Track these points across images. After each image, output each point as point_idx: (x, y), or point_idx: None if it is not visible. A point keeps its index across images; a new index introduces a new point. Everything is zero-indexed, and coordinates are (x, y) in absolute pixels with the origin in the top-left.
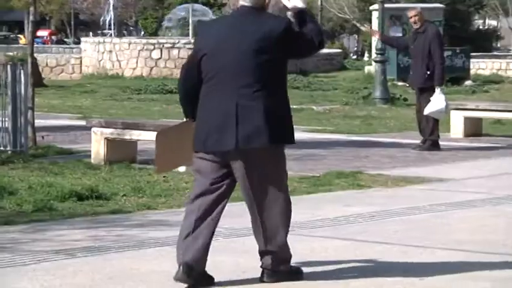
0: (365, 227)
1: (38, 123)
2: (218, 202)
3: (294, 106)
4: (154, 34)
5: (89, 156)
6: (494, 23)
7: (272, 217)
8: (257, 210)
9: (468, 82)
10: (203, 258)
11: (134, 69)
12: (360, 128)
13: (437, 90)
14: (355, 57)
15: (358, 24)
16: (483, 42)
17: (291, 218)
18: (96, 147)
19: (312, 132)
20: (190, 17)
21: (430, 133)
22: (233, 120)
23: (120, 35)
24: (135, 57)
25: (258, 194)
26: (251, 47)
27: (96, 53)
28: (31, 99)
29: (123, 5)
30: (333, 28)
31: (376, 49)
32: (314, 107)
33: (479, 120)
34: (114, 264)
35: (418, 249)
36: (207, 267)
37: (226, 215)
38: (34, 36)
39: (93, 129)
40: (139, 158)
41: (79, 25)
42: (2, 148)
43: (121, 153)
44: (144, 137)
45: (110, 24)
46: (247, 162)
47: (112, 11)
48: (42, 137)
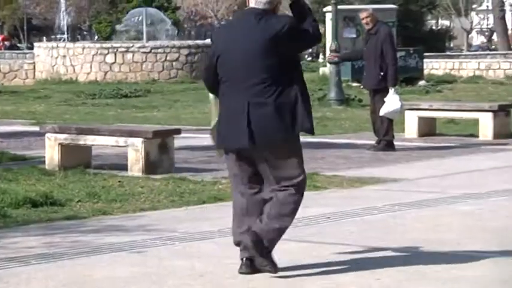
0: (321, 229)
1: None
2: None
3: None
4: (108, 38)
5: (43, 162)
6: (447, 23)
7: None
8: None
9: (422, 82)
10: None
11: (88, 73)
12: (315, 129)
13: (391, 90)
14: (309, 58)
15: None
16: (436, 43)
17: (297, 211)
18: (50, 153)
19: None
20: (144, 21)
21: (385, 133)
22: (245, 118)
23: (74, 39)
24: (89, 61)
25: (274, 175)
26: (258, 47)
27: (49, 58)
28: None
29: (77, 9)
30: None
31: (331, 50)
32: None
33: (433, 120)
34: (69, 271)
35: (374, 250)
36: (163, 272)
37: (183, 219)
38: None
39: (47, 135)
40: (94, 163)
41: (32, 30)
42: None
43: (75, 159)
44: (99, 142)
45: (64, 29)
46: (263, 155)
47: (65, 15)
48: None
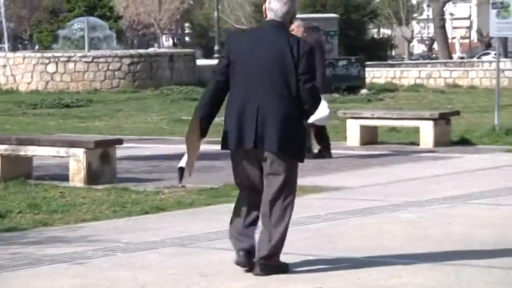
0: None
1: None
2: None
3: (189, 117)
4: (49, 48)
5: None
6: (388, 32)
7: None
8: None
9: (363, 91)
10: None
11: (29, 83)
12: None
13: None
14: None
15: None
16: (378, 51)
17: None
18: None
19: (210, 144)
20: (86, 30)
21: (322, 140)
22: (254, 121)
23: (14, 49)
24: (30, 71)
25: (269, 188)
26: (277, 57)
27: None
28: None
29: (17, 18)
30: None
31: None
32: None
33: (375, 128)
34: (9, 283)
35: (317, 258)
36: (105, 283)
37: (125, 229)
38: None
39: None
40: (35, 173)
41: None
42: None
43: (16, 170)
44: (40, 153)
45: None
46: (265, 158)
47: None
48: None
